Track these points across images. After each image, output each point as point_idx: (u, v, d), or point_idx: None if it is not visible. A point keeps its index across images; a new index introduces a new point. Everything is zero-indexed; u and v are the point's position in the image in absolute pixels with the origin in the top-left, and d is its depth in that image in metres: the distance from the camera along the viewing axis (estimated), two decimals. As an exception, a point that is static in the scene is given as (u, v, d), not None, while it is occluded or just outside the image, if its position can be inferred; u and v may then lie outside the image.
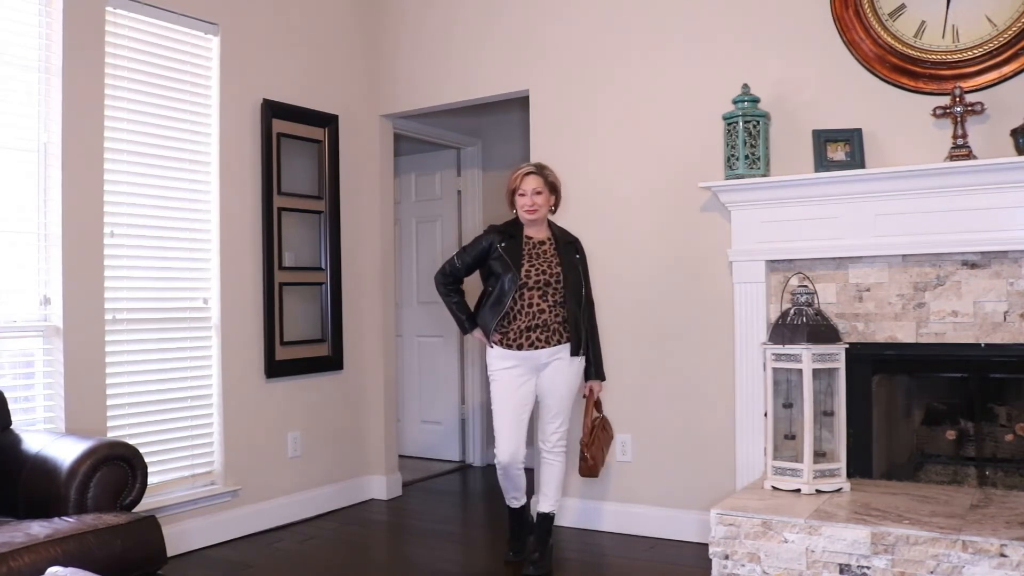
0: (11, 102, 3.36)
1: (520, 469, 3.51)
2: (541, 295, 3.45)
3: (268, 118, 4.26)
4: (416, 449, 5.95)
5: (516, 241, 3.51)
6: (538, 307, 3.45)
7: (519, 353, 3.47)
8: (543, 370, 3.51)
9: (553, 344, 3.47)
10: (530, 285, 3.45)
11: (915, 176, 3.27)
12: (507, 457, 3.46)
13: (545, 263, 3.49)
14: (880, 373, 3.59)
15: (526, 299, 3.45)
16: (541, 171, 3.56)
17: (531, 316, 3.45)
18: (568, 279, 3.49)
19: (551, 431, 3.57)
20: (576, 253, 3.60)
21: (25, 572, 2.36)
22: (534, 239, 3.55)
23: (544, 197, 3.52)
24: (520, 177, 3.54)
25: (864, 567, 2.74)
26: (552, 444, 3.58)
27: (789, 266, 3.62)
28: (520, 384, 3.49)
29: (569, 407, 3.59)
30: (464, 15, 4.59)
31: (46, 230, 3.45)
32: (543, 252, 3.52)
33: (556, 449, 3.58)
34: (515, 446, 3.46)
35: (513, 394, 3.49)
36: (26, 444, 2.97)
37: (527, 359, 3.47)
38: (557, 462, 3.59)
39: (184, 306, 3.96)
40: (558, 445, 3.58)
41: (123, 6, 3.69)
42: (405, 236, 6.04)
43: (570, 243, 3.61)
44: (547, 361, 3.49)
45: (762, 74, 3.71)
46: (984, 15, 3.28)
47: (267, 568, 3.64)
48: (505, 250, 3.48)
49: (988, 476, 3.43)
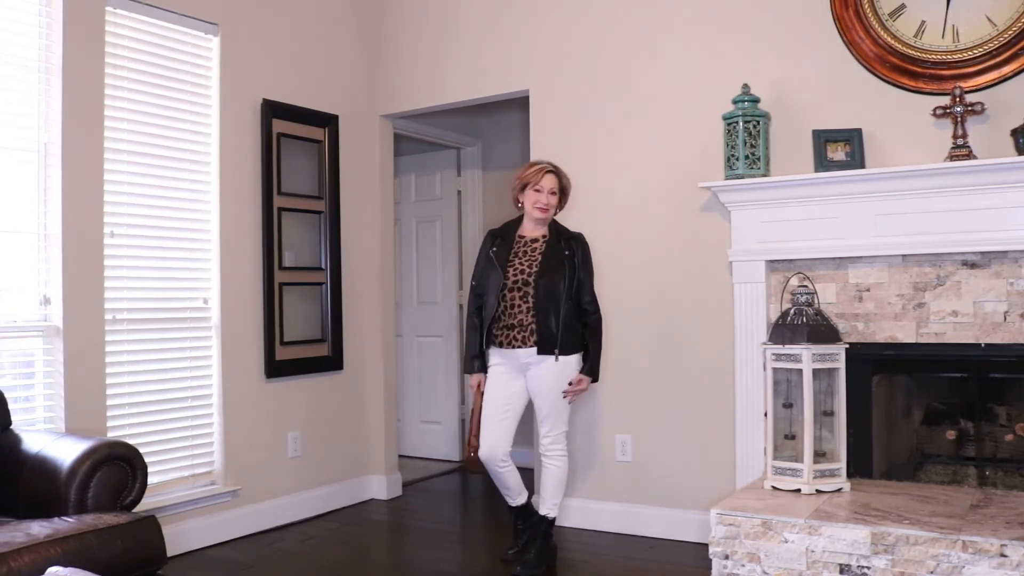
0: (11, 102, 3.36)
1: (503, 467, 3.49)
2: (521, 296, 3.47)
3: (268, 118, 4.26)
4: (416, 449, 5.95)
5: (507, 242, 3.54)
6: (517, 307, 3.47)
7: (503, 351, 3.50)
8: (528, 371, 3.50)
9: (529, 345, 3.46)
10: (509, 286, 3.48)
11: (915, 176, 3.27)
12: (485, 452, 3.47)
13: (528, 263, 3.49)
14: (880, 373, 3.59)
15: (508, 300, 3.49)
16: (557, 172, 3.56)
17: (511, 316, 3.47)
18: (543, 280, 3.44)
19: (542, 434, 3.55)
20: (567, 251, 3.51)
21: (25, 572, 2.35)
22: (526, 238, 3.55)
23: (556, 198, 3.54)
24: (540, 173, 3.51)
25: (864, 567, 2.74)
26: (544, 448, 3.56)
27: (789, 266, 3.62)
28: (507, 382, 3.50)
29: (558, 412, 3.52)
30: (464, 15, 4.60)
31: (46, 230, 3.45)
32: (530, 251, 3.52)
33: (549, 452, 3.55)
34: (493, 441, 3.46)
35: (498, 391, 3.50)
36: (26, 444, 2.97)
37: (510, 357, 3.50)
38: (552, 465, 3.55)
39: (184, 306, 3.96)
40: (550, 449, 3.54)
41: (123, 6, 3.69)
42: (405, 236, 6.04)
43: (566, 240, 3.55)
44: (528, 362, 3.48)
45: (762, 74, 3.72)
46: (984, 15, 3.28)
47: (267, 568, 3.64)
48: (496, 253, 3.53)
49: (988, 476, 3.43)
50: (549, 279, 3.45)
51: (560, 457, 3.56)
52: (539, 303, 3.44)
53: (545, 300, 3.44)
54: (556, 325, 3.43)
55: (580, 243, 3.58)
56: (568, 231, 3.62)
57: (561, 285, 3.46)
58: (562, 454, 3.57)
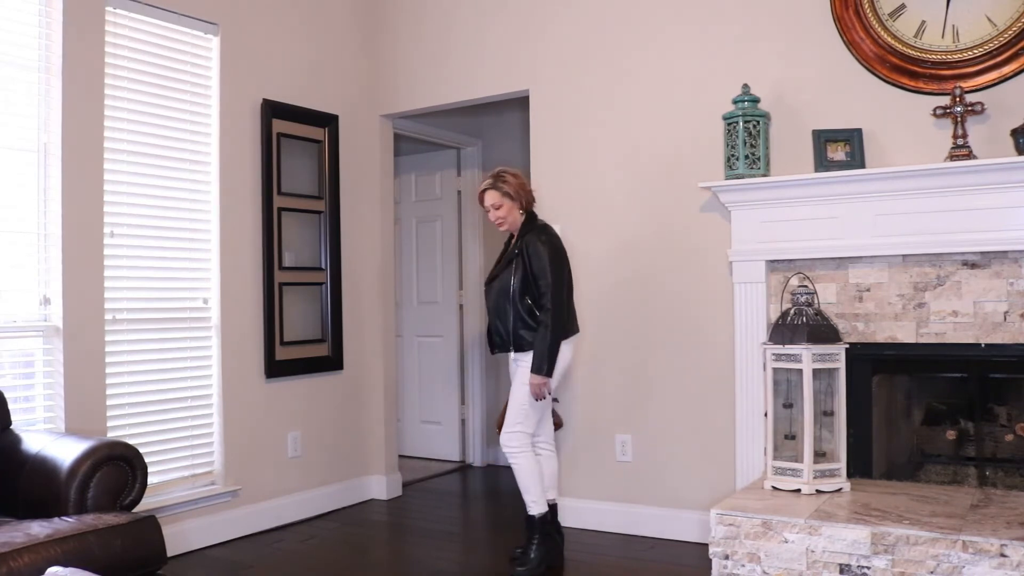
0: (11, 102, 3.36)
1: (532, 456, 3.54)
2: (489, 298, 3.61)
3: (268, 118, 4.26)
4: (416, 449, 5.95)
5: (504, 248, 3.68)
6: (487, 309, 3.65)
7: None
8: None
9: (496, 347, 3.60)
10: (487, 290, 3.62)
11: (915, 176, 3.27)
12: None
13: (496, 267, 3.62)
14: (880, 373, 3.59)
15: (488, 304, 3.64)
16: (495, 184, 3.52)
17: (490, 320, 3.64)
18: (496, 282, 3.55)
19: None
20: (516, 250, 3.48)
21: (25, 572, 2.36)
22: (512, 242, 3.64)
23: (506, 208, 3.52)
24: (480, 195, 3.59)
25: (864, 567, 2.74)
26: (502, 443, 3.53)
27: (789, 266, 3.62)
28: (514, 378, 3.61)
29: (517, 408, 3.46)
30: (464, 15, 4.59)
31: (46, 230, 3.45)
32: (503, 255, 3.64)
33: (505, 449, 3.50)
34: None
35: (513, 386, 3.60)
36: (26, 444, 2.97)
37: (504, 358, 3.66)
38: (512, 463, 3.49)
39: (184, 306, 3.96)
40: (506, 446, 3.49)
41: (123, 6, 3.69)
42: (405, 236, 6.03)
43: (521, 237, 3.51)
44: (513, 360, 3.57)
45: (762, 74, 3.71)
46: (984, 15, 3.28)
47: (267, 568, 3.64)
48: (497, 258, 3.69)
49: (988, 476, 3.43)
50: (501, 280, 3.54)
51: (518, 453, 3.47)
52: (494, 304, 3.56)
53: (497, 300, 3.54)
54: (507, 324, 3.50)
55: (533, 238, 3.47)
56: (532, 226, 3.53)
57: (510, 283, 3.47)
58: (519, 450, 3.47)
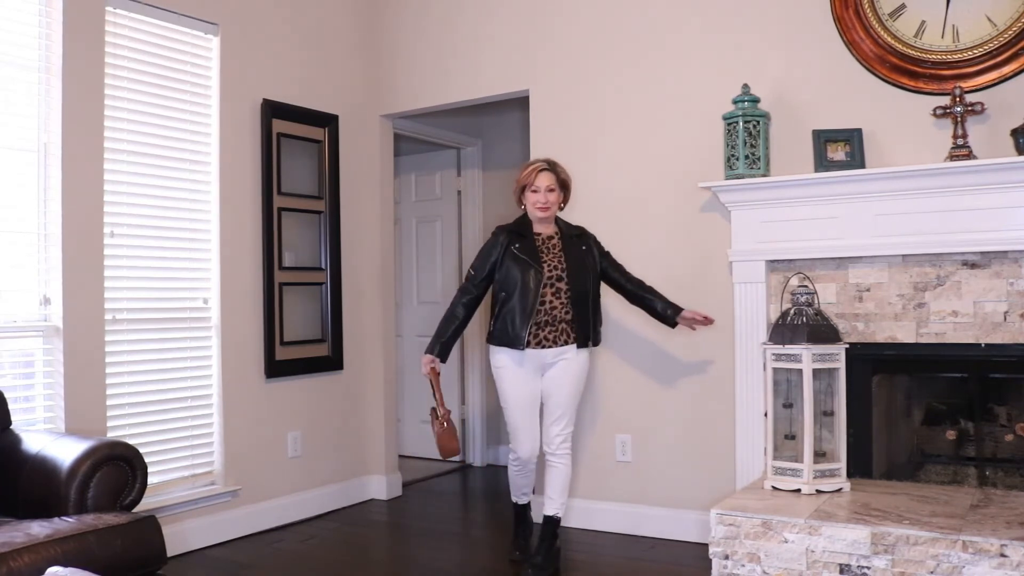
0: (11, 102, 3.36)
1: (534, 466, 3.59)
2: (554, 292, 3.44)
3: (268, 118, 4.26)
4: (416, 449, 5.94)
5: (529, 240, 3.50)
6: (551, 304, 3.44)
7: (527, 352, 3.44)
8: (548, 370, 3.50)
9: (560, 344, 3.46)
10: (544, 282, 3.44)
11: (915, 176, 3.27)
12: (528, 452, 3.53)
13: (556, 259, 3.48)
14: (880, 373, 3.59)
15: (543, 296, 3.44)
16: (553, 168, 3.52)
17: (544, 313, 3.44)
18: (574, 275, 3.46)
19: (555, 433, 3.53)
20: (583, 246, 3.56)
21: (25, 572, 2.36)
22: (543, 235, 3.54)
23: (556, 195, 3.51)
24: (534, 173, 3.49)
25: (864, 567, 2.74)
26: (556, 447, 3.53)
27: (789, 266, 3.62)
28: (528, 380, 3.49)
29: (574, 408, 3.56)
30: (464, 15, 4.59)
31: (46, 230, 3.45)
32: (552, 247, 3.51)
33: (560, 452, 3.54)
34: (534, 440, 3.53)
35: (523, 389, 3.49)
36: (26, 444, 2.97)
37: (534, 358, 3.46)
38: (561, 464, 3.54)
39: (184, 306, 3.96)
40: (561, 448, 3.53)
41: (123, 6, 3.69)
42: (405, 236, 6.03)
43: (576, 236, 3.58)
44: (552, 361, 3.48)
45: (762, 74, 3.71)
46: (984, 15, 3.28)
47: (267, 568, 3.64)
48: (520, 249, 3.46)
49: (988, 476, 3.43)
50: (581, 275, 3.48)
51: (568, 456, 3.56)
52: (575, 298, 3.45)
53: (581, 295, 3.47)
54: (591, 319, 3.51)
55: (590, 236, 3.63)
56: (573, 227, 3.63)
57: (589, 280, 3.51)
58: (569, 453, 3.57)
